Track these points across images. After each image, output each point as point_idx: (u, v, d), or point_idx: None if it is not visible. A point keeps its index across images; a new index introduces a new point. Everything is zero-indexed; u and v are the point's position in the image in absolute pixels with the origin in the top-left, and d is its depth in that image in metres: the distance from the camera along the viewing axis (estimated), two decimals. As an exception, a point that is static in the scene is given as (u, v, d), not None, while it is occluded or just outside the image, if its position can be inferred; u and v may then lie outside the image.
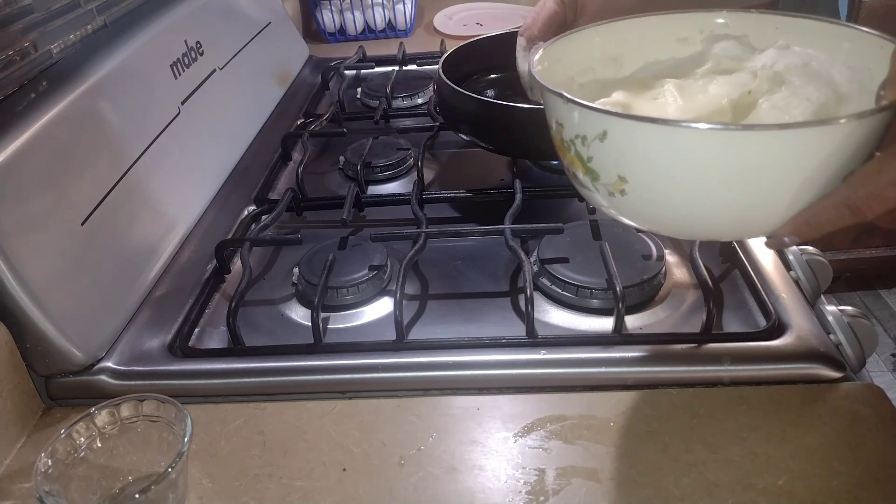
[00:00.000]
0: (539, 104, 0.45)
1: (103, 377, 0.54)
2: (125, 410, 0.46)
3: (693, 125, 0.33)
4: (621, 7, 0.50)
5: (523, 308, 0.56)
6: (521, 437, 0.48)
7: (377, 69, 1.11)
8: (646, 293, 0.59)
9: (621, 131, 0.36)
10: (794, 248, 0.61)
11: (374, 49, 1.18)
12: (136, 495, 0.40)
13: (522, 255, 0.58)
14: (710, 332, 0.54)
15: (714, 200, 0.36)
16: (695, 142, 0.34)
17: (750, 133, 0.33)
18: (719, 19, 0.46)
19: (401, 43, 1.15)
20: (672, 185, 0.36)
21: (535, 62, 0.43)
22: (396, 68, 1.08)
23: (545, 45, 0.45)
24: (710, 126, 0.33)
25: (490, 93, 0.84)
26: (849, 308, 0.54)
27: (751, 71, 0.44)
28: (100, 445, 0.45)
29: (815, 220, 0.35)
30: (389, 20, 1.26)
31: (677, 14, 0.47)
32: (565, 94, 0.37)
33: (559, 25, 0.53)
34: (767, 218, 0.36)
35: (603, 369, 0.52)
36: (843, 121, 0.32)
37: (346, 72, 1.10)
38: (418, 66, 1.10)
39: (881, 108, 0.33)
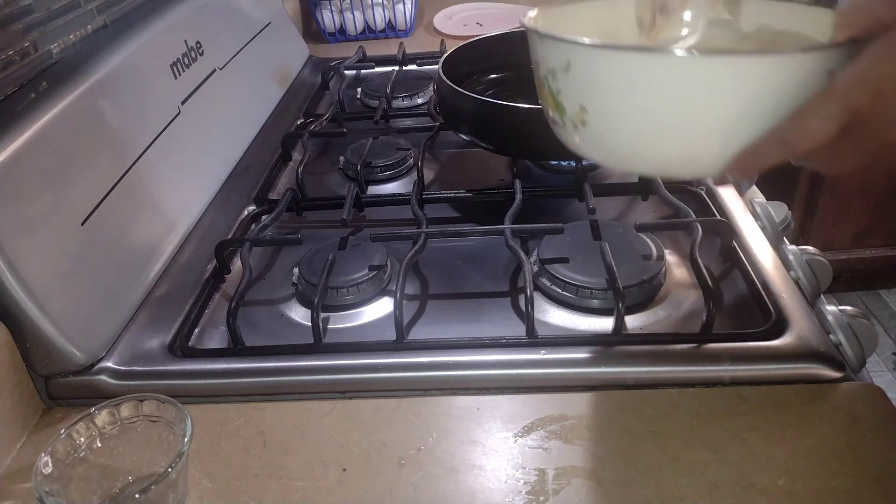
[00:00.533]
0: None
1: (103, 377, 0.54)
2: (125, 410, 0.46)
3: (644, 50, 0.37)
4: None
5: (523, 308, 0.56)
6: (521, 437, 0.48)
7: (377, 69, 1.11)
8: (646, 293, 0.59)
9: (582, 60, 0.38)
10: (794, 247, 0.61)
11: (374, 49, 1.18)
12: (136, 495, 0.40)
13: (522, 255, 0.58)
14: (710, 332, 0.54)
15: (662, 129, 0.38)
16: (643, 67, 0.36)
17: (694, 59, 0.36)
18: (716, 3, 0.48)
19: (401, 43, 1.15)
20: (624, 112, 0.38)
21: (527, 17, 0.45)
22: (396, 68, 1.08)
23: (541, 8, 0.47)
24: (658, 51, 0.37)
25: (490, 93, 0.84)
26: (849, 308, 0.54)
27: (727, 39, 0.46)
28: (100, 445, 0.45)
29: (754, 155, 0.37)
30: (389, 20, 1.26)
31: None
32: (539, 29, 0.40)
33: None
34: (712, 151, 0.38)
35: (603, 369, 0.52)
36: (785, 53, 0.35)
37: (346, 72, 1.10)
38: (418, 66, 1.10)
39: (816, 47, 0.36)
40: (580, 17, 0.49)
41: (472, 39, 0.86)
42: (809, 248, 0.61)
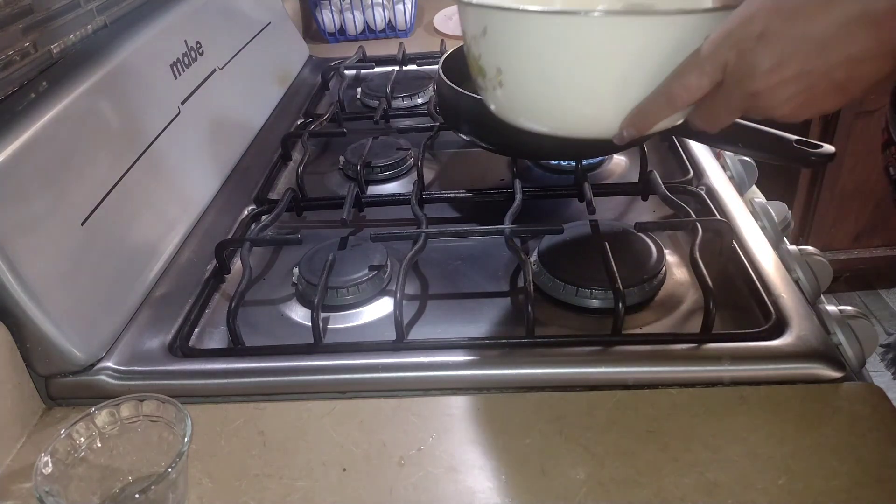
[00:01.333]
0: None
1: (103, 377, 0.54)
2: (125, 410, 0.46)
3: (544, 13, 0.40)
4: None
5: (523, 308, 0.56)
6: (521, 437, 0.48)
7: (377, 69, 1.11)
8: (646, 293, 0.59)
9: (495, 24, 0.42)
10: (794, 247, 0.61)
11: (374, 49, 1.18)
12: (136, 495, 0.40)
13: (522, 255, 0.58)
14: (710, 332, 0.54)
15: (564, 88, 0.42)
16: (546, 28, 0.40)
17: (587, 19, 0.40)
18: None
19: (401, 43, 1.15)
20: (533, 73, 0.42)
21: None
22: (396, 68, 1.08)
23: None
24: (557, 12, 0.40)
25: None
26: (849, 308, 0.54)
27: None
28: (100, 445, 0.45)
29: (643, 111, 0.42)
30: (389, 20, 1.26)
31: None
32: None
33: None
34: (609, 109, 0.42)
35: (603, 369, 0.52)
36: (666, 15, 0.39)
37: (346, 72, 1.10)
38: (418, 66, 1.10)
39: (693, 11, 0.39)
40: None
41: (472, 39, 0.86)
42: (809, 248, 0.61)
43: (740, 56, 0.38)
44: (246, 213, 0.75)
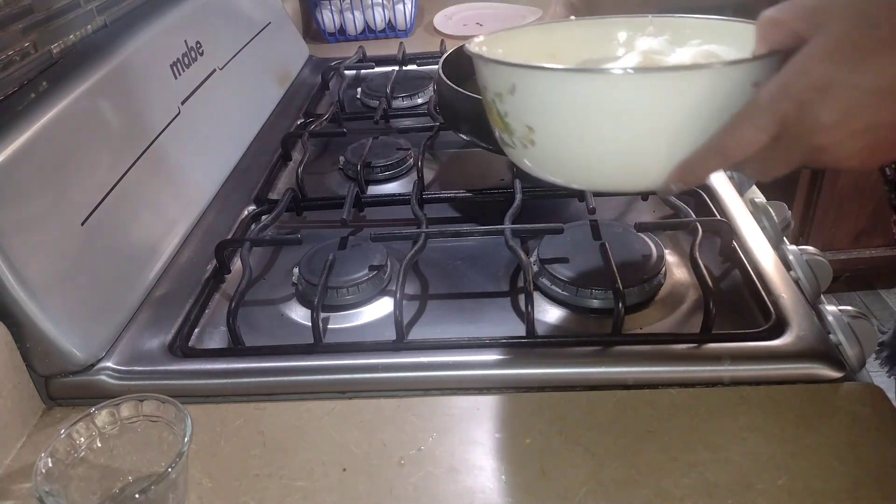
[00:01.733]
0: None
1: (103, 377, 0.54)
2: (125, 410, 0.46)
3: (583, 71, 0.39)
4: (630, 9, 0.52)
5: (523, 308, 0.56)
6: (520, 436, 0.48)
7: (377, 69, 1.11)
8: (646, 293, 0.59)
9: (525, 82, 0.40)
10: (794, 247, 0.61)
11: (374, 49, 1.18)
12: (136, 495, 0.40)
13: (522, 255, 0.58)
14: (710, 332, 0.54)
15: (605, 145, 0.40)
16: (583, 86, 0.38)
17: (629, 75, 0.38)
18: (646, 24, 0.51)
19: (401, 43, 1.15)
20: (570, 131, 0.40)
21: (475, 42, 0.47)
22: (396, 68, 1.08)
23: (488, 35, 0.49)
24: (596, 70, 0.39)
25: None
26: (849, 308, 0.54)
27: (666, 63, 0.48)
28: (100, 445, 0.45)
29: (693, 165, 0.39)
30: (389, 20, 1.26)
31: (609, 18, 0.52)
32: (483, 54, 0.42)
33: None
34: (654, 165, 0.40)
35: (603, 369, 0.52)
36: (712, 67, 0.38)
37: (346, 72, 1.10)
38: (418, 66, 1.10)
39: (738, 61, 0.37)
40: (521, 40, 0.51)
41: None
42: (809, 248, 0.61)
43: (801, 109, 0.35)
44: (246, 213, 0.75)
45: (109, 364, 0.55)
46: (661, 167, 0.40)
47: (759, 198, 0.74)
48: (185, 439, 0.43)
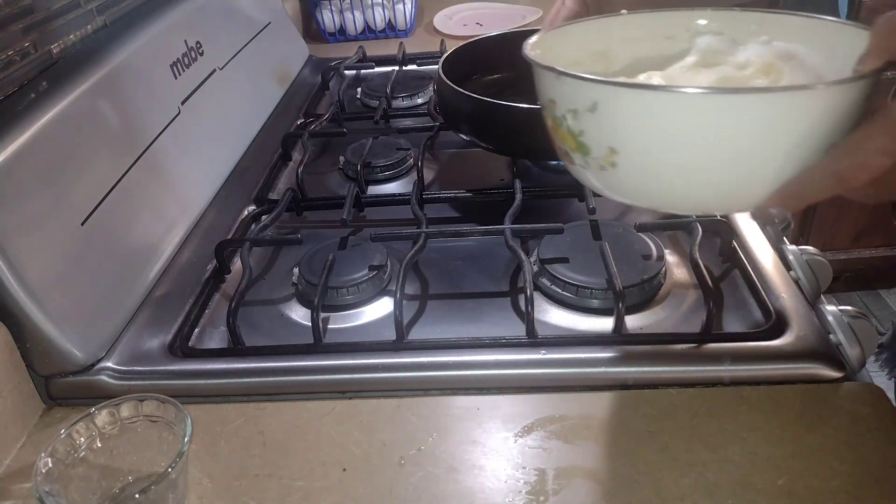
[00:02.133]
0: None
1: (103, 377, 0.54)
2: (125, 410, 0.46)
3: (682, 89, 0.34)
4: (641, 5, 0.51)
5: (523, 308, 0.56)
6: (521, 437, 0.48)
7: (377, 69, 1.11)
8: (646, 293, 0.59)
9: (611, 100, 0.36)
10: (794, 247, 0.61)
11: (374, 49, 1.18)
12: (136, 495, 0.40)
13: (522, 255, 0.58)
14: (710, 332, 0.54)
15: (702, 169, 0.37)
16: (683, 106, 0.35)
17: (737, 97, 0.34)
18: (703, 19, 0.47)
19: (401, 43, 1.15)
20: (661, 153, 0.37)
21: (528, 45, 0.44)
22: (396, 68, 1.08)
23: (539, 34, 0.46)
24: (698, 90, 0.35)
25: (490, 93, 0.84)
26: (849, 308, 0.54)
27: (734, 65, 0.45)
28: (100, 445, 0.45)
29: (801, 190, 0.36)
30: (389, 20, 1.26)
31: (665, 12, 0.48)
32: (557, 66, 0.38)
33: None
34: (754, 188, 0.37)
35: (603, 369, 0.52)
36: (826, 85, 0.34)
37: (346, 72, 1.10)
38: (418, 66, 1.10)
39: (861, 76, 0.34)
40: (569, 39, 0.47)
41: (472, 39, 0.86)
42: (809, 248, 0.61)
43: None
44: (246, 213, 0.75)
45: (109, 364, 0.55)
46: (764, 190, 0.37)
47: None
48: (185, 439, 0.43)
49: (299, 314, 0.62)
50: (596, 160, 0.39)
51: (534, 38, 0.45)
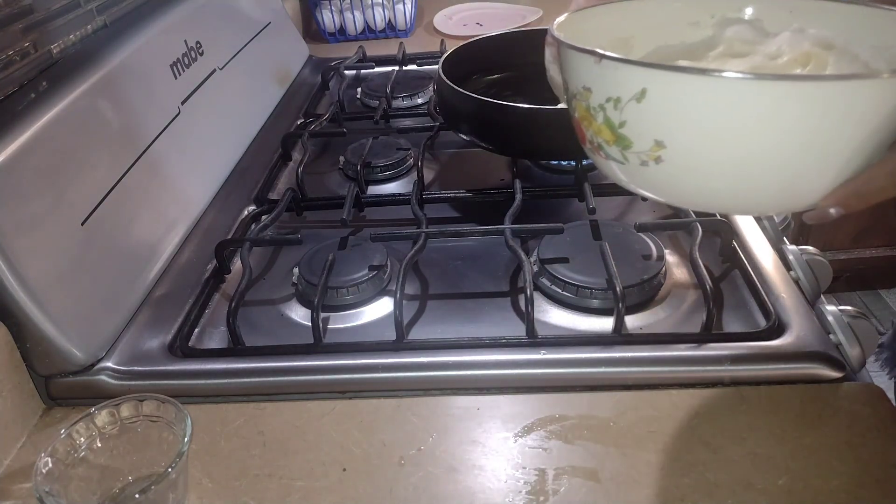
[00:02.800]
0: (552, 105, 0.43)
1: (103, 377, 0.54)
2: (125, 410, 0.46)
3: (750, 76, 0.31)
4: None
5: (523, 308, 0.56)
6: (521, 437, 0.48)
7: (377, 69, 1.11)
8: (646, 293, 0.59)
9: (664, 88, 0.33)
10: (794, 247, 0.61)
11: (374, 49, 1.18)
12: (136, 495, 0.40)
13: (522, 255, 0.58)
14: (710, 332, 0.54)
15: (761, 164, 0.33)
16: (749, 94, 0.32)
17: (815, 84, 0.31)
18: (730, 3, 0.45)
19: (401, 43, 1.15)
20: (716, 146, 0.33)
21: (555, 27, 0.41)
22: (396, 68, 1.08)
23: (563, 17, 0.43)
24: (770, 77, 0.32)
25: (490, 93, 0.84)
26: (849, 308, 0.54)
27: (765, 55, 0.43)
28: (100, 445, 0.45)
29: (864, 189, 0.33)
30: (389, 20, 1.26)
31: None
32: (599, 50, 0.34)
33: None
34: (815, 186, 0.34)
35: (603, 369, 0.52)
36: None
37: (346, 72, 1.10)
38: (418, 66, 1.10)
39: None
40: (590, 24, 0.44)
41: (472, 39, 0.86)
42: (809, 248, 0.61)
43: None
44: (246, 213, 0.75)
45: (109, 364, 0.55)
46: (824, 188, 0.34)
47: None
48: (185, 439, 0.43)
49: (299, 314, 0.62)
50: (637, 154, 0.35)
51: (559, 20, 0.42)
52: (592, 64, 0.35)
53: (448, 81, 0.73)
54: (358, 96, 1.03)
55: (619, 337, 0.54)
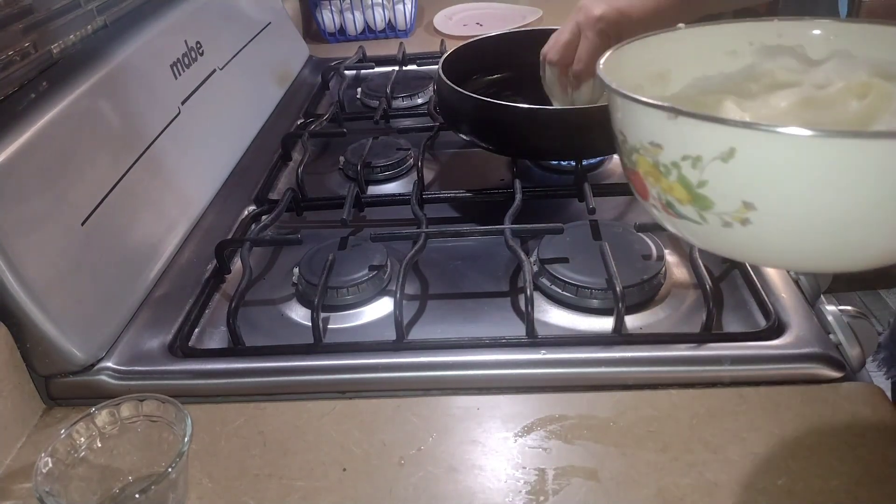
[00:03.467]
0: (545, 105, 0.42)
1: (103, 377, 0.54)
2: (125, 410, 0.46)
3: (859, 135, 0.29)
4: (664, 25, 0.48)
5: (523, 308, 0.56)
6: (521, 437, 0.48)
7: (377, 69, 1.11)
8: (646, 293, 0.59)
9: (757, 148, 0.30)
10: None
11: (374, 49, 1.18)
12: (136, 495, 0.40)
13: (522, 255, 0.58)
14: (710, 332, 0.54)
15: (864, 222, 0.31)
16: (856, 153, 0.29)
17: None
18: (769, 29, 0.42)
19: (401, 43, 1.15)
20: (816, 207, 0.31)
21: (603, 71, 0.38)
22: (396, 68, 1.08)
23: (604, 60, 0.40)
24: (880, 136, 0.29)
25: (490, 93, 0.84)
26: (849, 308, 0.54)
27: (813, 84, 0.40)
28: (100, 445, 0.45)
29: None
30: (389, 20, 1.26)
31: (724, 25, 0.43)
32: (678, 106, 0.31)
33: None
34: None
35: (603, 369, 0.52)
36: None
37: (346, 72, 1.10)
38: (418, 66, 1.10)
39: None
40: (624, 61, 0.41)
41: (472, 39, 0.86)
42: (809, 248, 0.61)
43: None
44: (246, 213, 0.75)
45: (109, 364, 0.55)
46: None
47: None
48: (185, 439, 0.43)
49: (299, 314, 0.62)
50: (719, 216, 0.32)
51: (605, 61, 0.39)
52: (665, 119, 0.32)
53: (448, 81, 0.73)
54: (358, 96, 1.04)
55: (619, 337, 0.54)
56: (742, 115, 0.38)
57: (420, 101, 0.99)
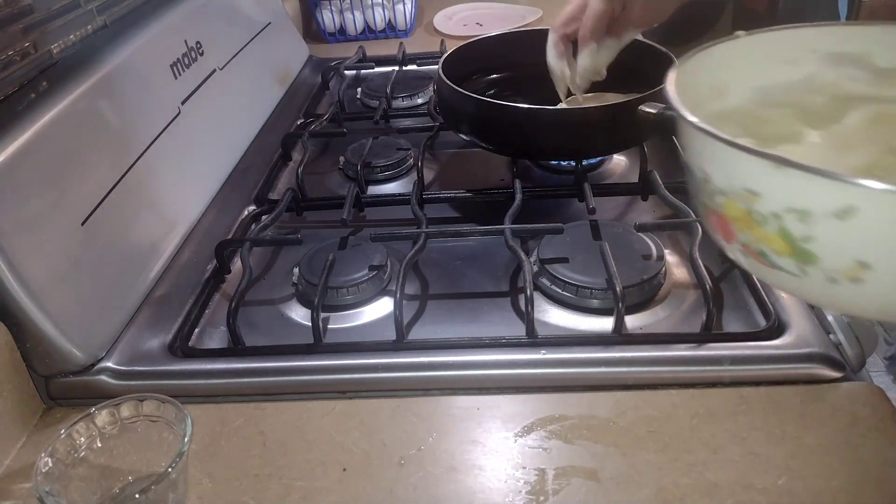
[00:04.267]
0: (545, 104, 0.40)
1: (103, 377, 0.54)
2: (125, 410, 0.46)
3: None
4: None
5: (523, 308, 0.56)
6: (521, 437, 0.48)
7: (377, 69, 1.11)
8: (646, 293, 0.59)
9: (881, 207, 0.27)
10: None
11: (374, 49, 1.18)
12: (136, 495, 0.40)
13: (522, 255, 0.58)
14: (710, 332, 0.54)
15: None
16: None
17: None
18: (832, 35, 0.40)
19: (401, 43, 1.15)
20: None
21: (676, 99, 0.35)
22: (396, 68, 1.08)
23: (673, 84, 0.37)
24: None
25: (490, 93, 0.84)
26: (849, 308, 0.54)
27: (884, 98, 0.38)
28: (100, 445, 0.45)
29: None
30: (389, 20, 1.26)
31: (785, 31, 0.41)
32: (786, 156, 0.28)
33: (608, 22, 0.53)
34: None
35: (603, 369, 0.52)
36: None
37: (346, 72, 1.10)
38: (418, 66, 1.10)
39: None
40: (684, 77, 0.38)
41: (472, 39, 0.86)
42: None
43: None
44: (246, 213, 0.75)
45: (109, 364, 0.55)
46: None
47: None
48: (185, 439, 0.43)
49: (299, 314, 0.62)
50: (824, 272, 0.30)
51: (673, 87, 0.36)
52: (768, 167, 0.29)
53: (448, 81, 0.73)
54: (358, 96, 1.04)
55: (619, 337, 0.54)
56: (826, 152, 0.34)
57: (420, 101, 0.99)
